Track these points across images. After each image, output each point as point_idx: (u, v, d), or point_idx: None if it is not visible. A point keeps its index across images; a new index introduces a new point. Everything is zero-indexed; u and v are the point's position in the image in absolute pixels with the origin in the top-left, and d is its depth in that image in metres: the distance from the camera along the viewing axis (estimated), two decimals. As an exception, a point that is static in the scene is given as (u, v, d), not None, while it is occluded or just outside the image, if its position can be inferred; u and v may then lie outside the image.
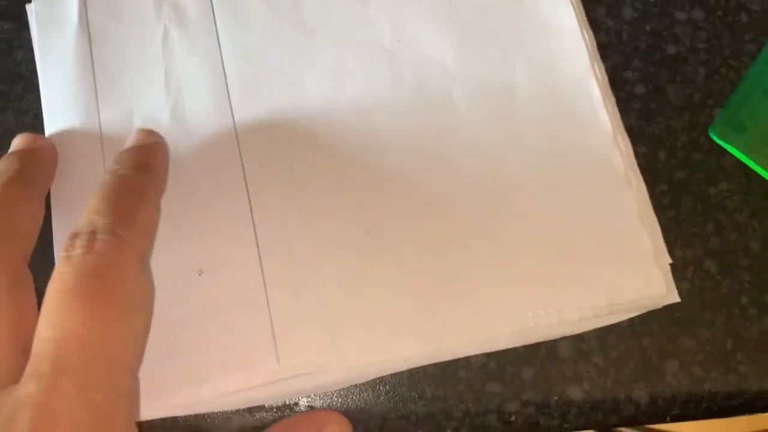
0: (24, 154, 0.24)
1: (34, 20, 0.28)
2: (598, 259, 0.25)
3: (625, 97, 0.27)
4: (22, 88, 0.28)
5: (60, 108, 0.27)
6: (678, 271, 0.25)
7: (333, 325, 0.24)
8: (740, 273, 0.26)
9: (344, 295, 0.24)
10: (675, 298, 0.25)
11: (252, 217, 0.25)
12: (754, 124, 0.25)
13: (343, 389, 0.25)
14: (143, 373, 0.21)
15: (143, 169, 0.23)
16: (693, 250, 0.26)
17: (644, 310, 0.25)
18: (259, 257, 0.25)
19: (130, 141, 0.25)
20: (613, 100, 0.27)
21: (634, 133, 0.27)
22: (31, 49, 0.28)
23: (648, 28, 0.29)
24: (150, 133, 0.25)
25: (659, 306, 0.25)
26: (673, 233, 0.26)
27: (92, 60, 0.27)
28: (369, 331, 0.24)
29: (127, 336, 0.19)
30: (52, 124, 0.27)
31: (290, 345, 0.23)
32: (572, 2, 0.28)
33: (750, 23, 0.28)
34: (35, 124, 0.27)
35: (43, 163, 0.25)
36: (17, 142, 0.25)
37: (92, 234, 0.20)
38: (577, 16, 0.28)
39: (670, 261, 0.25)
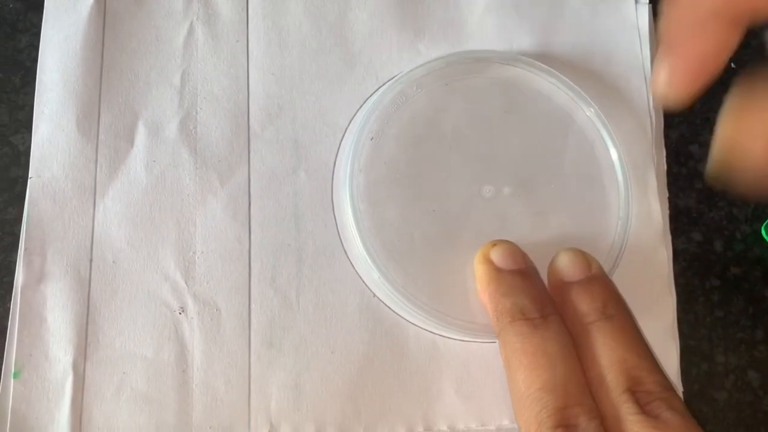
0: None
1: None
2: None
3: (687, 173, 0.25)
4: (21, 78, 0.24)
5: (55, 95, 0.23)
6: (716, 378, 0.23)
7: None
8: (786, 392, 0.23)
9: None
10: None
11: (249, 255, 0.23)
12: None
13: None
14: None
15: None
16: (737, 357, 0.23)
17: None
18: (249, 299, 0.22)
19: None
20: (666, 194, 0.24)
21: (692, 216, 0.24)
22: (37, 36, 0.24)
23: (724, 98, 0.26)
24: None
25: None
26: (718, 335, 0.23)
27: (103, 45, 0.24)
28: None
29: None
30: (41, 115, 0.23)
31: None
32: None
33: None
34: (32, 122, 0.23)
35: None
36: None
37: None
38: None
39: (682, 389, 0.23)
